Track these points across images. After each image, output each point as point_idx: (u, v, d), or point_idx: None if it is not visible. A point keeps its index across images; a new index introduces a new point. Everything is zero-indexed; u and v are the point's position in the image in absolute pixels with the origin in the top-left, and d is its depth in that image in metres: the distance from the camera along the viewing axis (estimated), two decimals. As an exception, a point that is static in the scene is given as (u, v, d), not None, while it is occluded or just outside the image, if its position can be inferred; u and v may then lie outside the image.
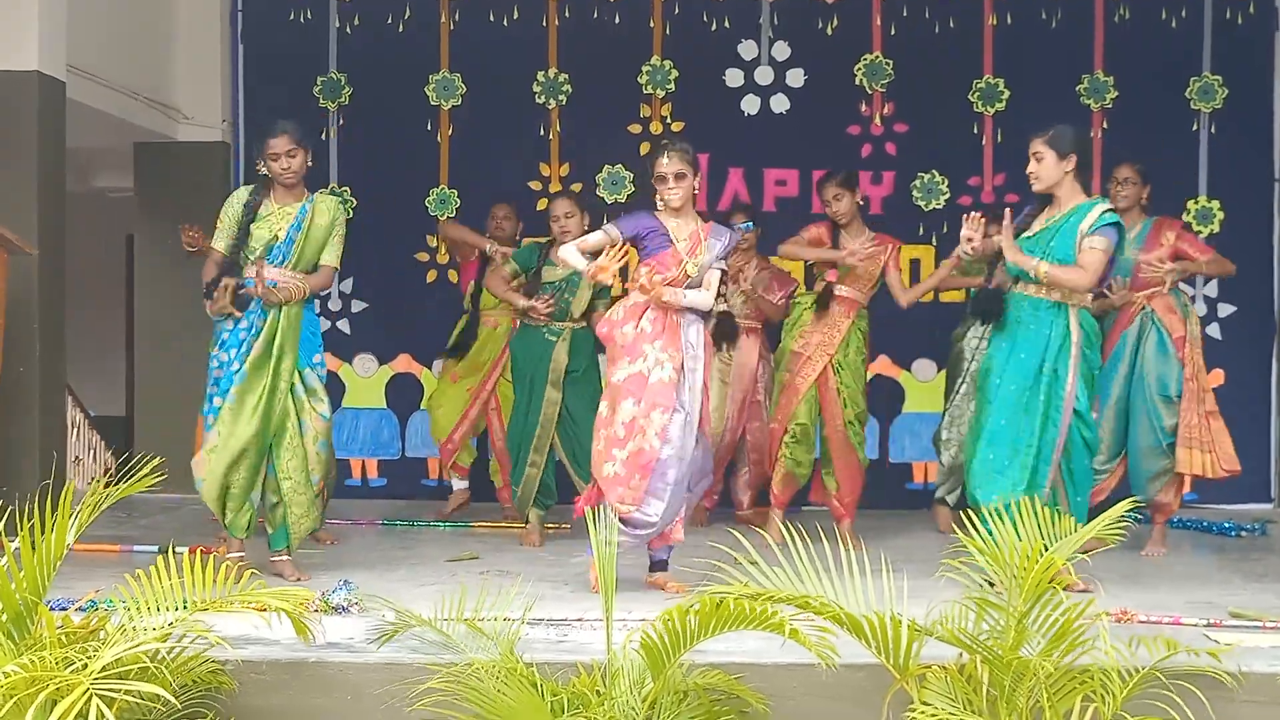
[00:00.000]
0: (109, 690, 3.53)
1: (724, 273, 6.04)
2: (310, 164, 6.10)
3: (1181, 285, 7.15)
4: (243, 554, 5.99)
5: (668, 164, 5.81)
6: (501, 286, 7.23)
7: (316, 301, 6.21)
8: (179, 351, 8.36)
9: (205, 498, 5.97)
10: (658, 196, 5.85)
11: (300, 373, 6.01)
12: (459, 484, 8.11)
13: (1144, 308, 6.91)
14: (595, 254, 5.86)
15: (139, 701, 3.72)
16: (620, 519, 5.53)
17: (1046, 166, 5.75)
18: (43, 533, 3.97)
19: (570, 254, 5.87)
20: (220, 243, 6.00)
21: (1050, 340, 5.71)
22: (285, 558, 6.05)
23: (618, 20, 8.90)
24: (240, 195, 6.06)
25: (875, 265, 7.06)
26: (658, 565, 5.91)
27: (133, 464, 4.47)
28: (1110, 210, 5.81)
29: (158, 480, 4.31)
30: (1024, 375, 5.72)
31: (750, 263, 7.57)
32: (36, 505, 4.02)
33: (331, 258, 6.12)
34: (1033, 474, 5.65)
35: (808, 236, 7.13)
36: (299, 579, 5.91)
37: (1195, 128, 8.73)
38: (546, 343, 7.04)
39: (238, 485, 5.91)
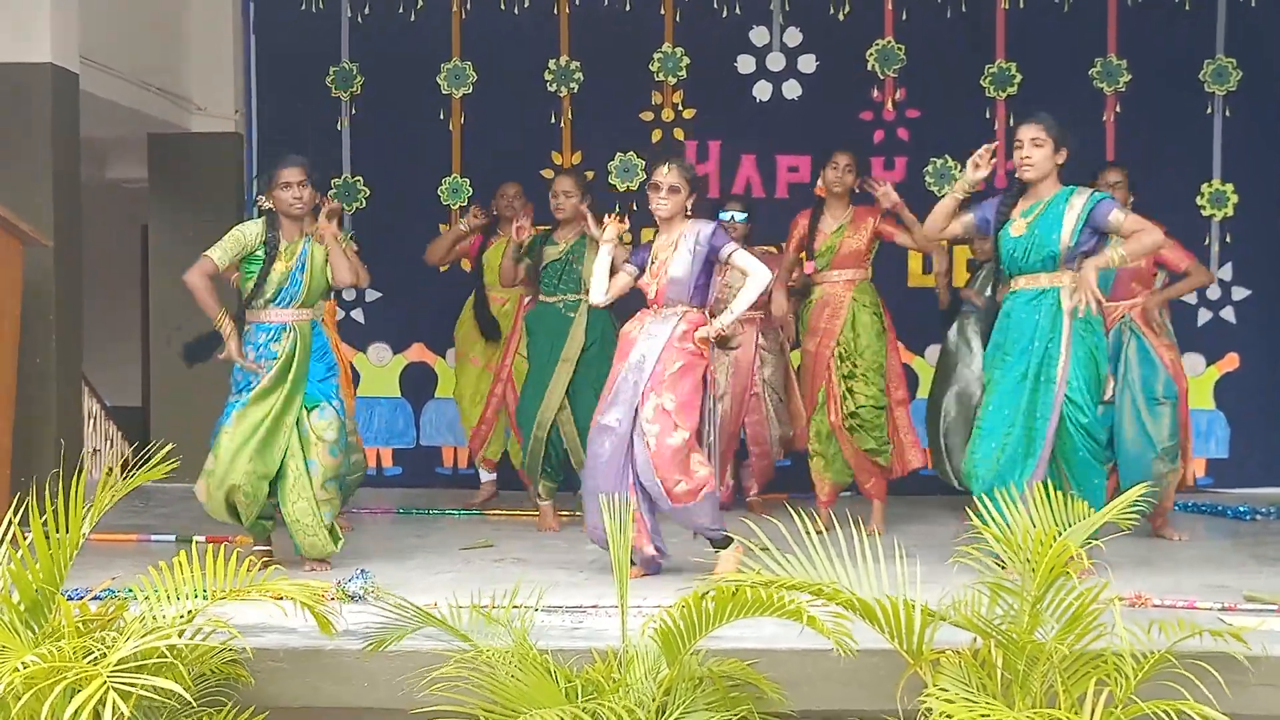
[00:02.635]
0: (126, 684, 3.55)
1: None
2: (317, 199, 6.10)
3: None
4: (269, 548, 6.02)
5: (666, 174, 5.80)
6: (510, 270, 7.26)
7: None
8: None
9: (214, 515, 6.00)
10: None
11: (308, 411, 5.94)
12: (487, 476, 8.11)
13: (1123, 315, 6.87)
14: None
15: (156, 697, 3.73)
16: None
17: (1045, 155, 5.67)
18: (57, 522, 3.99)
19: (597, 281, 5.95)
20: (217, 254, 5.89)
21: (1039, 323, 5.65)
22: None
23: (629, 7, 8.89)
24: (256, 230, 5.95)
25: (860, 241, 7.06)
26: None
27: (147, 450, 4.49)
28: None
29: (173, 469, 4.34)
30: (1018, 362, 5.67)
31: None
32: (48, 494, 4.05)
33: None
34: (1022, 463, 5.62)
35: (793, 243, 7.17)
36: (316, 569, 5.93)
37: (1209, 111, 8.69)
38: (564, 319, 7.08)
39: (243, 507, 5.90)
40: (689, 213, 5.87)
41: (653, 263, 5.85)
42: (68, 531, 4.02)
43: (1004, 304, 5.81)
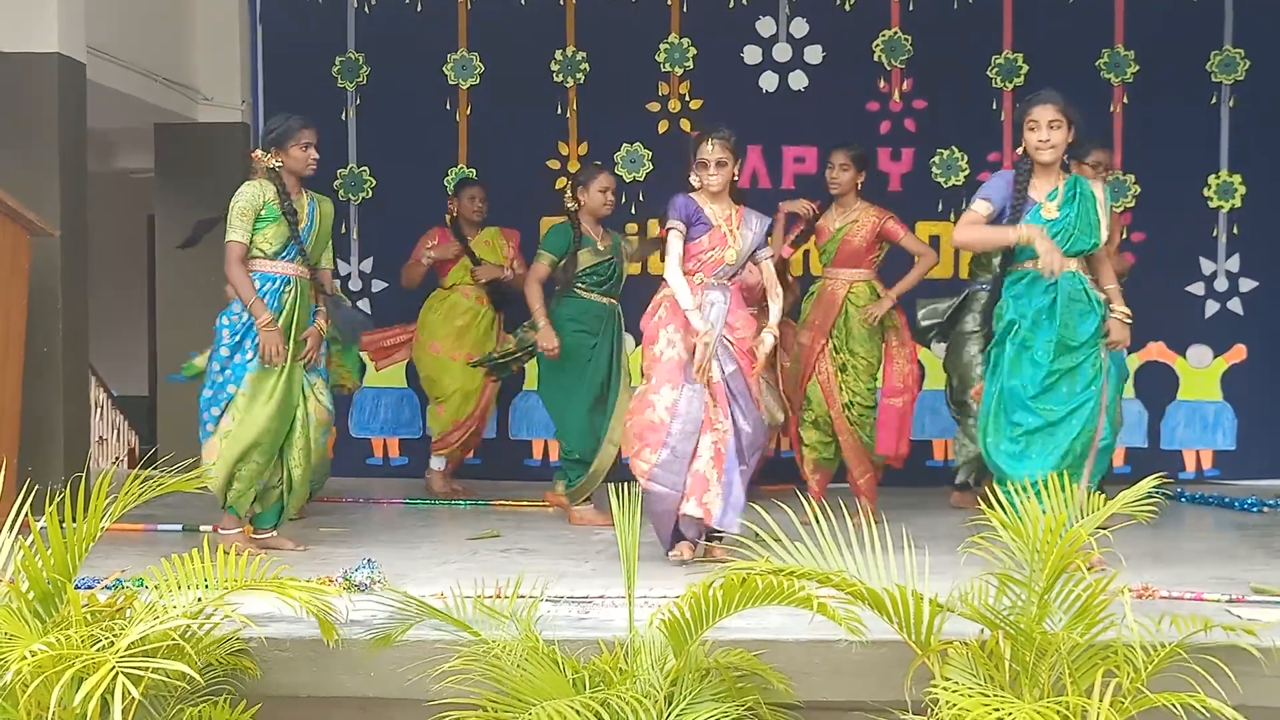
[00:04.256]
0: (135, 668, 3.55)
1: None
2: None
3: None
4: (241, 530, 6.05)
5: (711, 151, 5.91)
6: (536, 292, 7.14)
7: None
8: (200, 331, 8.33)
9: (213, 481, 5.98)
10: (694, 177, 5.91)
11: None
12: (441, 464, 8.17)
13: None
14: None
15: (164, 680, 3.74)
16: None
17: (1062, 137, 5.56)
18: (74, 515, 3.99)
19: (684, 295, 5.85)
20: (239, 234, 5.98)
21: (1082, 308, 5.60)
22: (274, 534, 6.20)
23: (635, -2, 8.89)
24: (261, 191, 6.01)
25: (860, 239, 7.05)
26: (679, 537, 5.92)
27: (153, 455, 4.50)
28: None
29: (183, 466, 4.35)
30: (1078, 352, 5.60)
31: None
32: (68, 488, 4.04)
33: (329, 259, 6.31)
34: (1083, 452, 5.60)
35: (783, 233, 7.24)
36: (302, 548, 6.12)
37: (1216, 101, 8.67)
38: (610, 316, 7.12)
39: (248, 471, 5.98)
40: (736, 178, 6.00)
41: (715, 229, 5.92)
42: (84, 525, 4.01)
43: (1042, 286, 5.60)
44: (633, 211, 8.78)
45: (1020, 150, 5.68)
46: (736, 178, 6.03)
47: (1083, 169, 6.43)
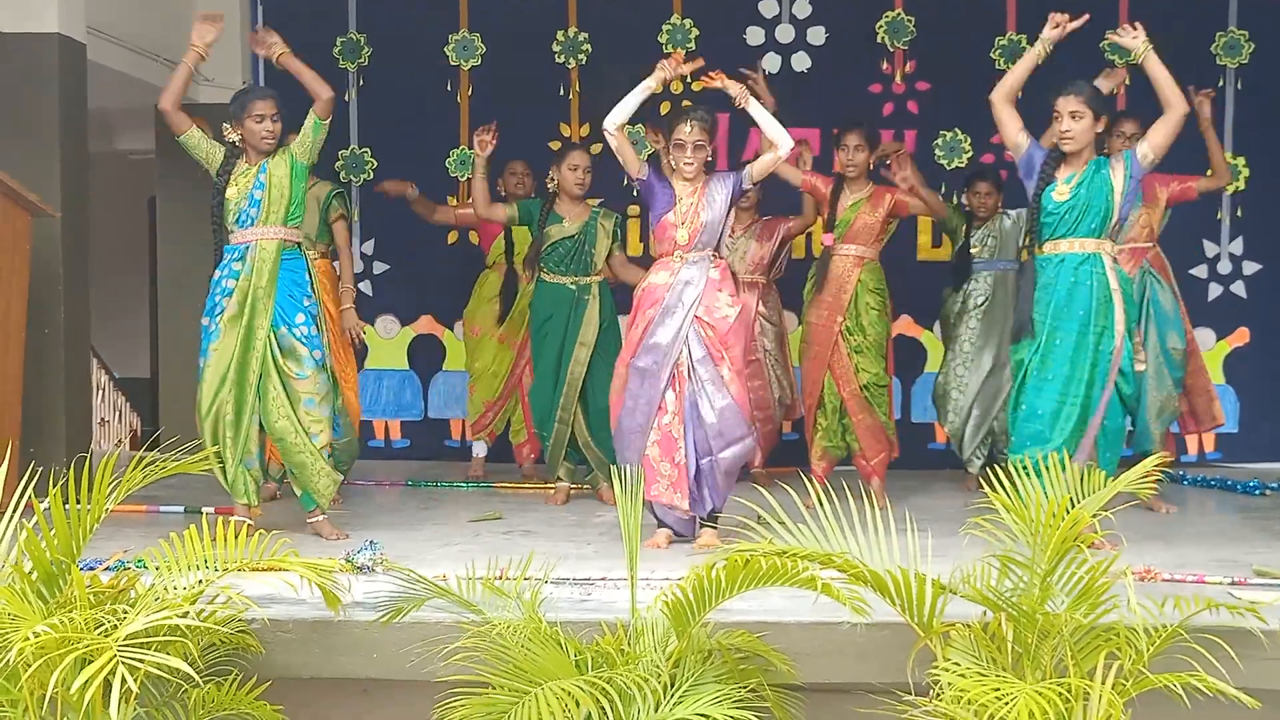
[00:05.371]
0: (134, 658, 3.56)
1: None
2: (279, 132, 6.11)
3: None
4: (249, 521, 6.01)
5: (689, 133, 5.85)
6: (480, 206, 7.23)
7: (305, 257, 6.24)
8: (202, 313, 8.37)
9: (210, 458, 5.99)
10: (670, 159, 5.87)
11: (274, 333, 5.97)
12: (483, 450, 8.13)
13: (1142, 262, 6.92)
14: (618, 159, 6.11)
15: (166, 666, 3.73)
16: None
17: (1084, 128, 5.61)
18: (78, 496, 3.98)
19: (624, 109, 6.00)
20: (197, 132, 6.15)
21: (1093, 290, 5.60)
22: (319, 518, 6.09)
23: (637, -22, 8.86)
24: (220, 156, 6.09)
25: (874, 217, 7.01)
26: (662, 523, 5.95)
27: (157, 435, 4.50)
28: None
29: (188, 447, 4.34)
30: (1074, 328, 5.61)
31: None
32: (72, 470, 4.04)
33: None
34: (1074, 432, 5.60)
35: (820, 189, 7.11)
36: (337, 537, 5.98)
37: (1221, 83, 8.64)
38: (579, 299, 7.04)
39: (226, 448, 5.94)
40: (710, 159, 5.94)
41: (677, 206, 5.85)
42: (88, 506, 4.01)
43: (1048, 268, 5.69)
44: (634, 194, 8.76)
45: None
46: (710, 158, 5.94)
47: (1113, 141, 6.45)
